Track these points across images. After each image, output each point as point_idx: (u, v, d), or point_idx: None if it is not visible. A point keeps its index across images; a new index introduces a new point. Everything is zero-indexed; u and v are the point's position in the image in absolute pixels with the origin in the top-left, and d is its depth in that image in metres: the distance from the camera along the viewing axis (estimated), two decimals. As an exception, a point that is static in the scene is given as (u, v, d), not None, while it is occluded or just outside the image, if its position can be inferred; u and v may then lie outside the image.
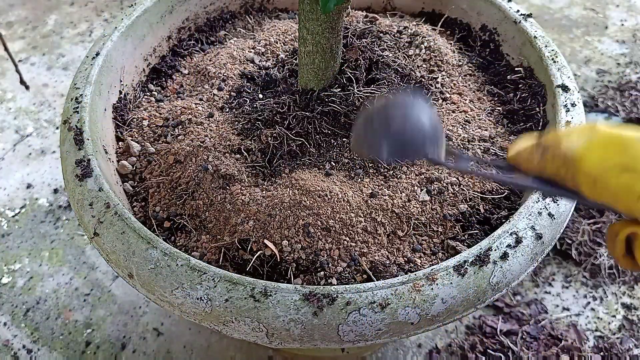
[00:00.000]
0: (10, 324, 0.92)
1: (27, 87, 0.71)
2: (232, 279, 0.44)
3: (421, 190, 0.55)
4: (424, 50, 0.67)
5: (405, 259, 0.52)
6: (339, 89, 0.58)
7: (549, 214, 0.49)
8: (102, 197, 0.50)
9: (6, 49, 0.60)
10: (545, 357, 0.84)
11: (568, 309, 0.93)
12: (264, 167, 0.56)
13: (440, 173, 0.56)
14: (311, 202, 0.52)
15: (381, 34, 0.66)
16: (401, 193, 0.54)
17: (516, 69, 0.68)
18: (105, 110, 0.61)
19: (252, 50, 0.70)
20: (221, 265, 0.51)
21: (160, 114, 0.64)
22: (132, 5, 0.69)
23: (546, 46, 0.64)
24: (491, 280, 0.46)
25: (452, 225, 0.54)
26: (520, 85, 0.66)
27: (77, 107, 0.57)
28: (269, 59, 0.69)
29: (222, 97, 0.64)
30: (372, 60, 0.61)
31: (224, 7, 0.78)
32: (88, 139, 0.54)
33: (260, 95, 0.63)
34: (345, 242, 0.51)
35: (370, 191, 0.54)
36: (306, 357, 0.83)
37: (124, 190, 0.58)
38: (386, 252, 0.52)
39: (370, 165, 0.57)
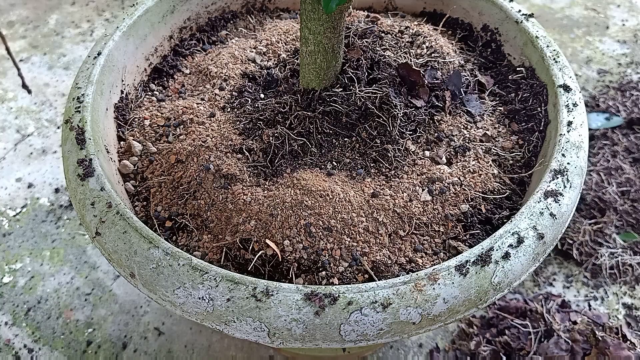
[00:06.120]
0: (11, 324, 0.92)
1: (29, 92, 0.71)
2: (234, 278, 0.44)
3: (423, 190, 0.55)
4: (425, 50, 0.67)
5: (407, 258, 0.52)
6: (341, 89, 0.58)
7: (551, 214, 0.49)
8: (103, 197, 0.50)
9: (9, 52, 0.60)
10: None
11: (569, 309, 0.93)
12: (266, 167, 0.56)
13: (442, 173, 0.56)
14: (313, 202, 0.52)
15: (383, 34, 0.66)
16: (403, 193, 0.54)
17: (518, 69, 0.68)
18: (107, 109, 0.61)
19: (254, 50, 0.70)
20: (223, 265, 0.51)
21: (161, 113, 0.64)
22: (133, 4, 0.69)
23: (548, 46, 0.64)
24: (493, 280, 0.46)
25: (454, 225, 0.54)
26: (521, 85, 0.66)
27: (79, 107, 0.57)
28: (271, 59, 0.69)
29: (224, 96, 0.64)
30: (374, 60, 0.61)
31: (226, 7, 0.78)
32: (90, 139, 0.54)
33: (262, 95, 0.63)
34: (347, 241, 0.51)
35: (372, 191, 0.54)
36: (307, 356, 0.83)
37: (125, 189, 0.58)
38: (388, 251, 0.52)
39: (372, 165, 0.57)
